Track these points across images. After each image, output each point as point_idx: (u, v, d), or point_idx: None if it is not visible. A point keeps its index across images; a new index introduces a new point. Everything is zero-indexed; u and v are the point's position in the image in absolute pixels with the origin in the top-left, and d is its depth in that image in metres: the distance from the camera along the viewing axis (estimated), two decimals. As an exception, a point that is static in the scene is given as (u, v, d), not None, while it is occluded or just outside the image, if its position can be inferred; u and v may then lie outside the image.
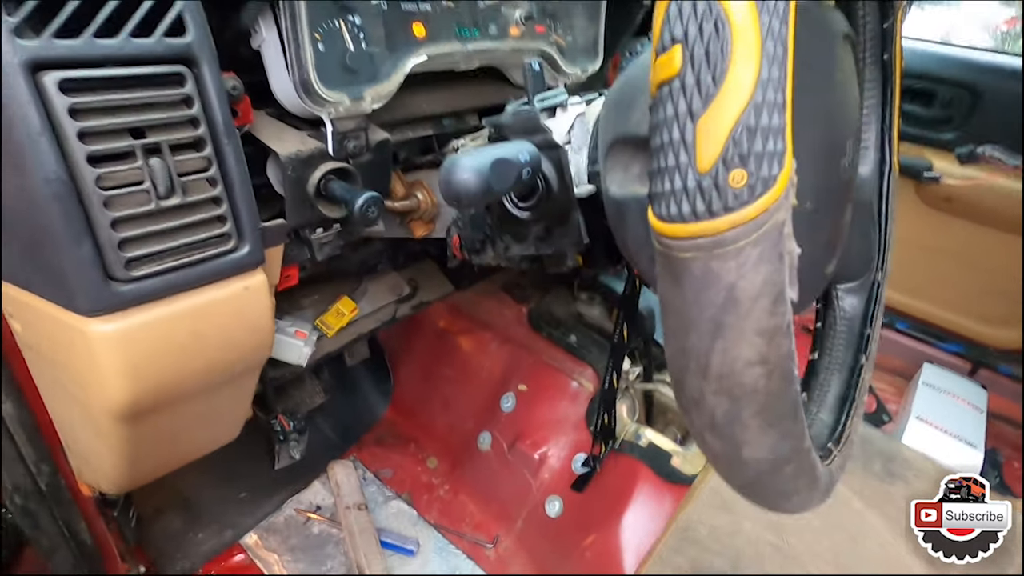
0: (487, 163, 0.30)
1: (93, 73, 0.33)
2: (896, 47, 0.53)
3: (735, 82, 0.20)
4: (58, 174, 0.32)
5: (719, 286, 0.22)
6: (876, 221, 0.56)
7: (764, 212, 0.21)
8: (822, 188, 0.36)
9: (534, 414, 1.13)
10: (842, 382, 0.51)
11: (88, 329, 0.37)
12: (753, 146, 0.20)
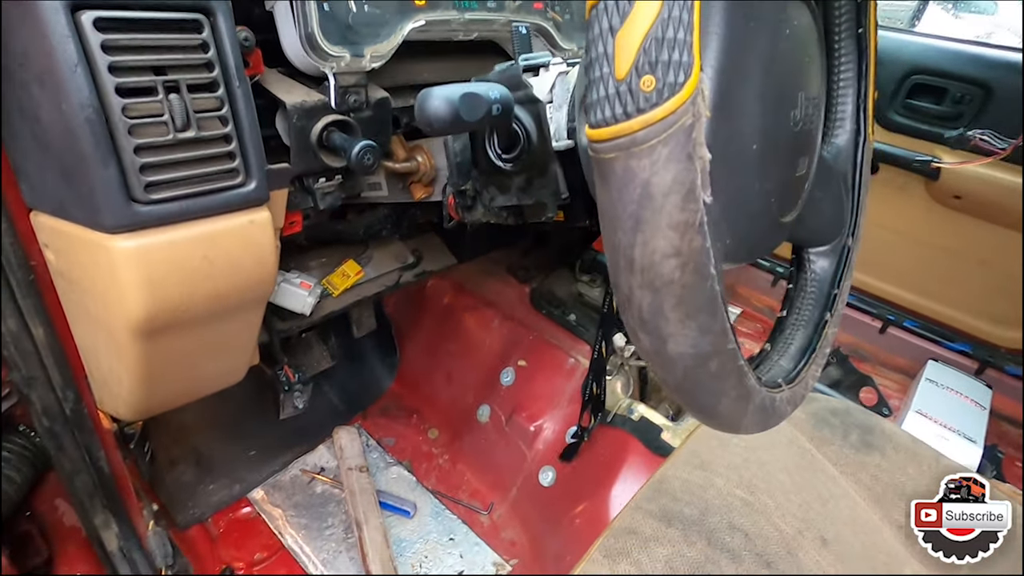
0: (457, 94, 0.34)
1: (123, 14, 0.38)
2: (871, 21, 0.56)
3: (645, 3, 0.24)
4: (91, 101, 0.37)
5: (636, 182, 0.26)
6: (849, 189, 0.59)
7: (672, 114, 0.24)
8: (769, 133, 0.39)
9: (532, 388, 1.17)
10: (806, 336, 0.54)
11: (111, 245, 0.42)
12: (660, 55, 0.24)
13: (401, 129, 0.70)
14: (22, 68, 0.39)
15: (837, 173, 0.58)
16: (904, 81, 1.50)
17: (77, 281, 0.50)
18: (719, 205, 0.37)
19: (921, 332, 1.66)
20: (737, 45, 0.35)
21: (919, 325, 1.66)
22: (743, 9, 0.36)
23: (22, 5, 0.36)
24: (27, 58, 0.38)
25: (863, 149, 0.59)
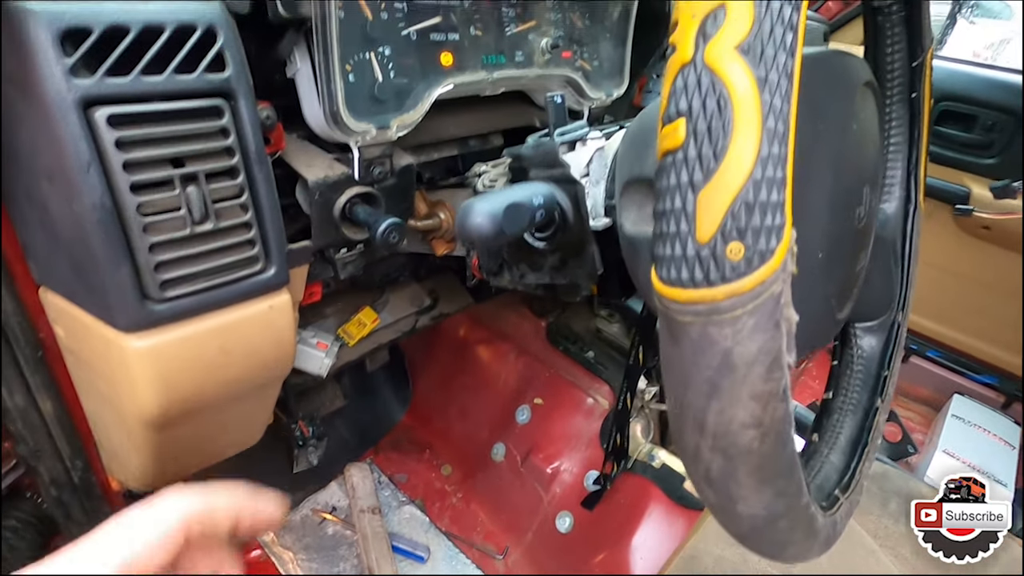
0: (500, 207, 0.31)
1: (139, 109, 0.35)
2: (925, 86, 0.53)
3: (735, 159, 0.21)
4: (103, 202, 0.35)
5: (715, 350, 0.23)
6: (898, 260, 0.56)
7: (760, 284, 0.21)
8: (835, 237, 0.36)
9: (549, 428, 1.14)
10: (855, 424, 0.51)
11: (124, 344, 0.39)
12: (751, 221, 0.21)
13: (423, 184, 0.68)
14: (30, 159, 0.36)
15: (886, 243, 0.55)
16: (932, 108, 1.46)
17: (87, 362, 0.48)
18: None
19: (945, 363, 1.62)
20: (806, 151, 0.32)
21: (943, 355, 1.62)
22: (812, 110, 0.33)
23: (29, 97, 0.33)
24: (35, 152, 0.35)
25: (913, 218, 0.56)
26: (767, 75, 0.21)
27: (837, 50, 0.38)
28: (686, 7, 0.22)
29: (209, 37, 0.37)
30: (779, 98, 0.21)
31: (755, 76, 0.20)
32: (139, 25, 0.34)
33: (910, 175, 0.56)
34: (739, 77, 0.20)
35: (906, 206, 0.56)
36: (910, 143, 0.55)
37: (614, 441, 0.93)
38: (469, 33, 0.55)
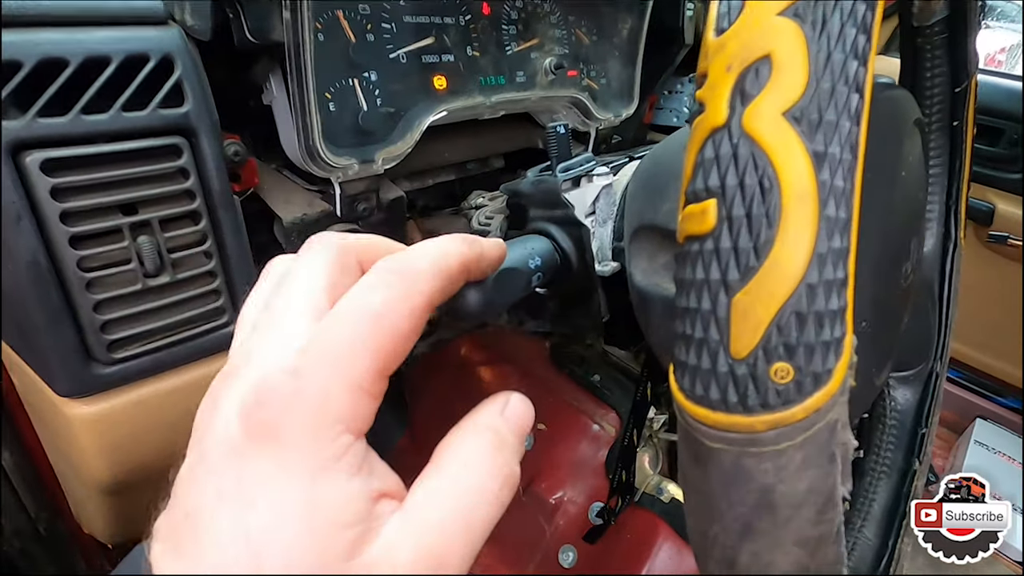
0: (490, 277, 0.26)
1: (80, 151, 0.31)
2: (968, 114, 0.47)
3: (783, 256, 0.16)
4: (37, 258, 0.30)
5: (752, 486, 0.18)
6: (936, 303, 0.50)
7: (814, 412, 0.17)
8: (881, 303, 0.31)
9: (552, 456, 1.09)
10: (891, 489, 0.46)
11: (67, 411, 0.35)
12: (803, 336, 0.16)
13: (417, 211, 0.63)
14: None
15: (922, 284, 0.50)
16: (955, 120, 1.39)
17: (39, 414, 0.43)
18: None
19: (967, 384, 1.56)
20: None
21: (965, 377, 1.56)
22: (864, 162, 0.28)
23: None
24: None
25: (953, 256, 0.51)
26: (827, 149, 0.16)
27: (882, 84, 0.33)
28: (718, 56, 0.17)
29: (164, 68, 0.33)
30: (841, 177, 0.16)
31: (810, 151, 0.16)
32: (79, 57, 0.30)
33: (949, 210, 0.50)
34: (789, 151, 0.16)
35: (944, 243, 0.51)
36: (950, 175, 0.49)
37: (619, 477, 0.88)
38: (465, 54, 0.50)
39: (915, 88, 0.47)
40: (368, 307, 0.17)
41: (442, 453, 0.19)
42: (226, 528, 0.15)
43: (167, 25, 0.34)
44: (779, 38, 0.16)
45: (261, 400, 0.16)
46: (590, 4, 0.61)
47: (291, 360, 0.16)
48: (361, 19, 0.42)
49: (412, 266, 0.18)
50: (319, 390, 0.16)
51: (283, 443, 0.15)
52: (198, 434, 0.17)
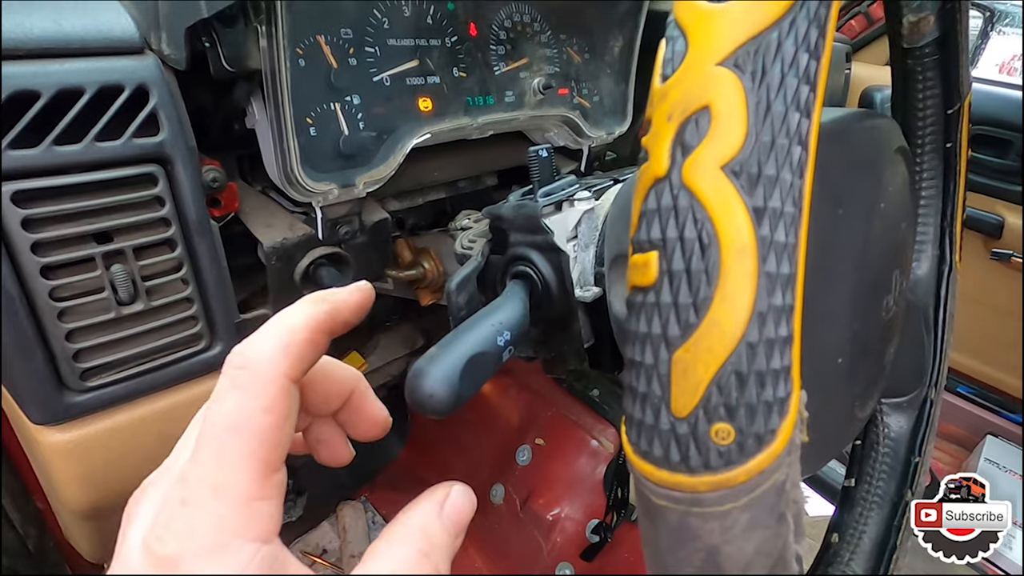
0: (458, 368, 0.26)
1: (52, 182, 0.31)
2: (961, 135, 0.46)
3: (722, 314, 0.15)
4: (8, 289, 0.30)
5: (698, 546, 0.17)
6: (931, 328, 0.49)
7: (758, 474, 0.16)
8: (859, 337, 0.30)
9: (550, 471, 1.08)
10: (882, 521, 0.44)
11: (40, 439, 0.35)
12: (744, 396, 0.16)
13: (407, 230, 0.63)
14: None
15: (916, 308, 0.48)
16: (963, 132, 1.37)
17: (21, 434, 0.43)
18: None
19: (977, 399, 1.53)
20: (824, 247, 0.27)
21: (975, 392, 1.53)
22: (832, 197, 0.27)
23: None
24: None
25: (948, 280, 0.50)
26: (767, 203, 0.15)
27: (862, 113, 0.33)
28: (661, 104, 0.17)
29: (139, 98, 0.33)
30: (783, 231, 0.16)
31: (749, 206, 0.15)
32: (52, 89, 0.30)
33: (944, 232, 0.49)
34: (728, 207, 0.15)
35: (939, 267, 0.50)
36: (944, 197, 0.48)
37: (616, 494, 0.87)
38: (451, 75, 0.50)
39: (907, 110, 0.46)
40: (224, 420, 0.17)
41: (374, 555, 0.18)
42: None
43: (143, 54, 0.34)
44: (718, 89, 0.15)
45: (157, 533, 0.16)
46: (581, 22, 0.61)
47: (177, 491, 0.16)
48: (344, 43, 0.42)
49: (260, 355, 0.18)
50: (208, 514, 0.16)
51: (184, 568, 0.15)
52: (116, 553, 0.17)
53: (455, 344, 0.27)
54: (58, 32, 0.31)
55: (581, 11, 0.60)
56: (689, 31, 0.16)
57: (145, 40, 0.34)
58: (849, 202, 0.28)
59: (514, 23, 0.55)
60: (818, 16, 0.16)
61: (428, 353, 0.26)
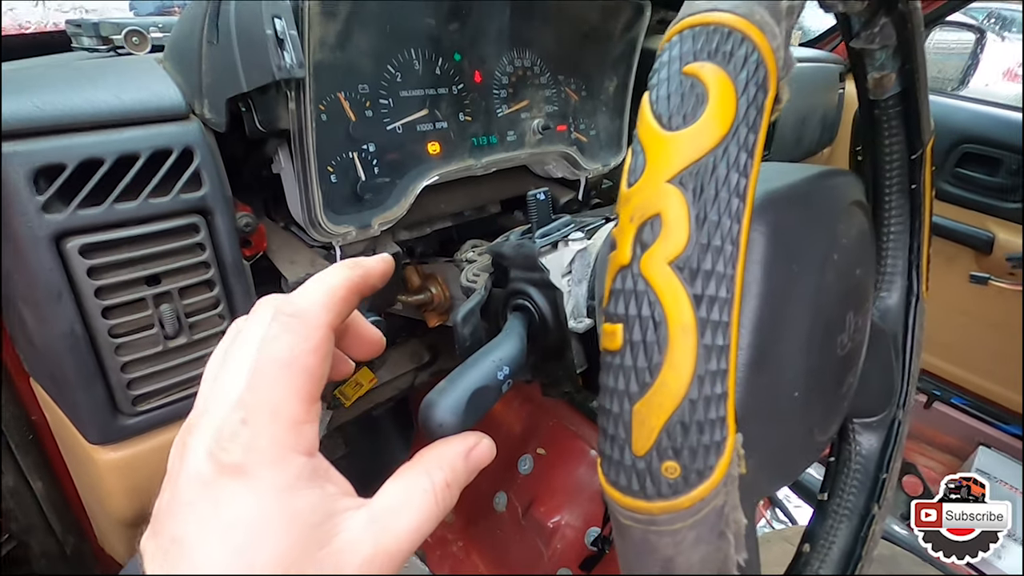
0: (463, 401, 0.30)
1: (113, 236, 0.35)
2: (925, 178, 0.51)
3: (669, 378, 0.20)
4: (74, 329, 0.35)
5: (656, 557, 0.22)
6: (899, 354, 0.53)
7: (700, 501, 0.20)
8: (814, 372, 0.34)
9: (550, 480, 1.12)
10: (850, 533, 0.48)
11: (96, 456, 0.39)
12: (687, 441, 0.20)
13: (416, 257, 0.68)
14: (8, 281, 0.37)
15: (886, 336, 0.53)
16: (952, 150, 1.42)
17: (71, 451, 0.48)
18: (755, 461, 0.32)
19: (970, 410, 1.56)
20: (779, 297, 0.31)
21: (968, 403, 1.56)
22: (786, 254, 0.32)
23: (4, 230, 0.34)
24: (11, 277, 0.36)
25: (916, 310, 0.54)
26: (704, 292, 0.20)
27: (823, 173, 0.37)
28: (626, 206, 0.21)
29: (185, 158, 0.38)
30: (718, 311, 0.20)
31: (690, 294, 0.20)
32: (113, 156, 0.35)
33: (911, 265, 0.53)
34: (674, 294, 0.20)
35: (908, 297, 0.54)
36: (911, 234, 0.53)
37: (613, 505, 0.90)
38: (457, 120, 0.55)
39: (875, 155, 0.50)
40: (281, 354, 0.20)
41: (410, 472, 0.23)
42: (215, 546, 0.18)
43: (188, 119, 0.39)
44: (668, 201, 0.20)
45: (223, 446, 0.19)
46: (578, 65, 0.65)
47: (238, 412, 0.20)
48: (361, 98, 0.47)
49: (308, 306, 0.22)
50: (265, 431, 0.19)
51: (249, 475, 0.19)
52: (172, 475, 0.21)
53: (460, 380, 0.32)
54: (119, 105, 0.36)
55: (578, 55, 0.65)
56: (648, 151, 0.21)
57: (190, 107, 0.39)
58: (802, 258, 0.32)
59: (515, 68, 0.60)
60: (747, 143, 0.20)
61: (438, 387, 0.31)
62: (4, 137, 0.32)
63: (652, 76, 0.22)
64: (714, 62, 0.20)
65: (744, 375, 0.30)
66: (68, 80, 0.36)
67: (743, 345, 0.30)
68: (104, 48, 0.45)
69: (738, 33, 0.21)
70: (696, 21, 0.21)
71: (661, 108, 0.21)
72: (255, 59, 0.36)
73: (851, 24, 0.43)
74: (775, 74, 0.21)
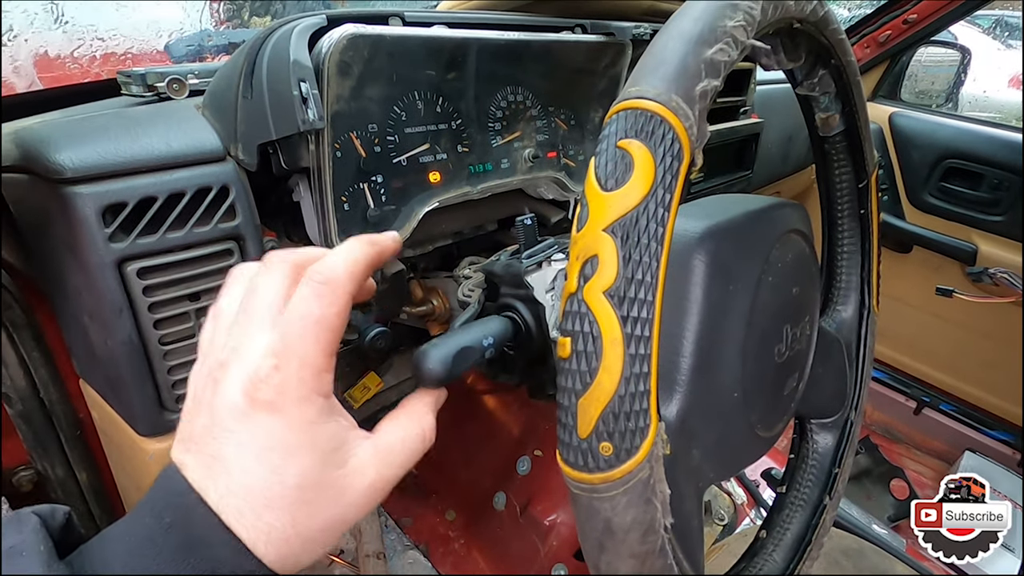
0: (450, 354, 0.37)
1: (163, 260, 0.42)
2: (872, 204, 0.57)
3: (604, 379, 0.26)
4: (132, 338, 0.42)
5: (599, 519, 0.28)
6: (852, 361, 0.59)
7: (628, 473, 0.27)
8: (752, 376, 0.40)
9: (547, 480, 1.18)
10: (803, 521, 0.54)
11: (144, 446, 0.46)
12: (617, 426, 0.26)
13: (418, 272, 0.74)
14: (75, 298, 0.44)
15: (840, 345, 0.59)
16: (938, 165, 1.47)
17: (116, 447, 0.55)
18: (700, 451, 0.39)
19: (958, 416, 1.60)
20: (716, 313, 0.37)
21: (956, 409, 1.61)
22: (723, 276, 0.38)
23: (76, 257, 0.41)
24: (79, 295, 0.43)
25: (867, 321, 0.60)
26: (629, 313, 0.26)
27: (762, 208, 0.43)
28: (574, 247, 0.28)
29: (223, 194, 0.45)
30: (641, 328, 0.26)
31: (619, 316, 0.26)
32: (165, 194, 0.42)
33: (863, 281, 0.60)
34: (607, 315, 0.26)
35: (860, 310, 0.60)
36: (862, 254, 0.59)
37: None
38: (456, 151, 0.62)
39: (827, 183, 0.57)
40: (311, 314, 0.25)
41: (404, 415, 0.30)
42: (252, 464, 0.23)
43: (225, 161, 0.46)
44: (602, 246, 0.26)
45: (257, 386, 0.23)
46: (567, 98, 0.72)
47: (270, 358, 0.24)
48: (370, 136, 0.54)
49: (336, 276, 0.26)
50: (295, 376, 0.24)
51: (280, 410, 0.23)
52: (203, 403, 0.24)
53: (451, 338, 0.39)
54: (168, 151, 0.43)
55: (567, 89, 0.71)
56: (590, 205, 0.27)
57: (226, 149, 0.46)
58: (738, 279, 0.39)
59: (508, 103, 0.66)
60: (663, 200, 0.27)
61: (432, 341, 0.37)
62: (78, 181, 0.39)
63: (598, 145, 0.29)
64: (639, 139, 0.27)
65: (687, 378, 0.37)
66: (126, 129, 0.43)
67: (685, 352, 0.37)
68: (149, 94, 0.52)
69: (658, 116, 0.27)
70: (628, 105, 0.28)
71: (600, 173, 0.28)
72: (283, 113, 0.43)
73: (795, 75, 0.49)
74: (688, 146, 0.28)
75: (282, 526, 0.23)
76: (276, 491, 0.23)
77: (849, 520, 1.27)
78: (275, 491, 0.23)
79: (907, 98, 1.62)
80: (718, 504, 1.26)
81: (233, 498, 0.22)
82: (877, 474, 1.53)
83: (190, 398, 0.26)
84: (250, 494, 0.23)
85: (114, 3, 0.69)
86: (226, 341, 0.25)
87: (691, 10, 0.31)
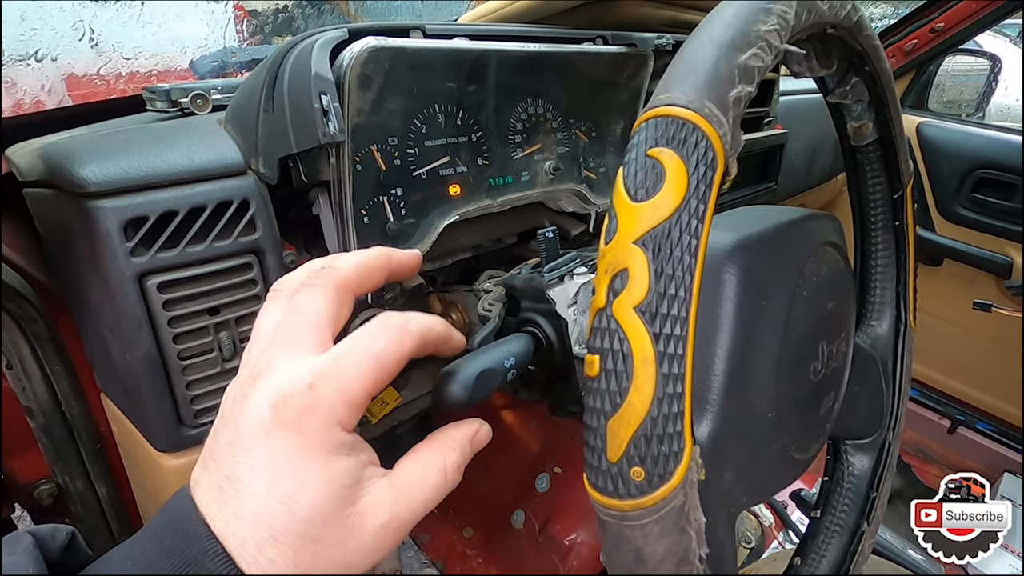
0: (472, 376, 0.36)
1: (183, 274, 0.42)
2: (907, 215, 0.55)
3: (635, 400, 0.25)
4: (151, 352, 0.42)
5: (629, 547, 0.26)
6: (889, 379, 0.57)
7: (661, 500, 0.25)
8: (787, 395, 0.39)
9: (567, 499, 1.15)
10: (840, 548, 0.52)
11: (162, 462, 0.46)
12: (650, 450, 0.25)
13: (438, 286, 0.74)
14: (96, 312, 0.44)
15: (875, 363, 0.56)
16: (968, 175, 1.43)
17: (134, 460, 0.55)
18: (732, 474, 0.37)
19: (995, 436, 1.54)
20: (749, 329, 0.36)
21: (993, 428, 1.54)
22: (756, 291, 0.36)
23: (97, 271, 0.41)
24: (100, 309, 0.43)
25: (904, 338, 0.57)
26: (661, 331, 0.25)
27: (794, 220, 0.42)
28: (603, 261, 0.26)
29: (243, 208, 0.44)
30: (674, 346, 0.25)
31: (651, 333, 0.25)
32: (186, 208, 0.42)
33: (899, 296, 0.57)
34: (638, 333, 0.25)
35: (896, 326, 0.57)
36: (898, 267, 0.56)
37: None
38: (476, 164, 0.61)
39: (860, 195, 0.55)
40: (371, 351, 0.24)
41: (426, 451, 0.28)
42: (263, 488, 0.21)
43: (246, 175, 0.45)
44: (633, 259, 0.25)
45: (286, 401, 0.22)
46: (588, 109, 0.71)
47: (307, 378, 0.23)
48: (391, 149, 0.54)
49: (408, 324, 0.27)
50: (327, 400, 0.23)
51: (303, 433, 0.22)
52: (230, 419, 0.23)
53: (473, 360, 0.37)
54: (190, 165, 0.43)
55: (587, 101, 0.71)
56: (619, 217, 0.26)
57: (247, 163, 0.46)
58: (771, 294, 0.37)
59: (529, 116, 0.66)
60: (697, 211, 0.25)
61: (453, 363, 0.36)
62: (101, 195, 0.39)
63: (626, 155, 0.28)
64: (671, 148, 0.26)
65: (719, 398, 0.35)
66: (149, 143, 0.43)
67: (717, 371, 0.35)
68: (173, 110, 0.53)
69: (690, 123, 0.26)
70: (658, 112, 0.27)
71: (630, 183, 0.27)
72: (304, 126, 0.43)
73: (826, 82, 0.47)
74: (722, 155, 0.27)
75: (283, 563, 0.22)
76: (283, 523, 0.22)
77: (882, 545, 1.21)
78: (283, 523, 0.22)
79: (935, 108, 1.58)
80: (745, 526, 1.22)
81: (240, 525, 0.21)
82: (910, 496, 1.47)
83: (219, 414, 0.25)
84: (257, 523, 0.21)
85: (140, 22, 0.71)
86: (259, 357, 0.25)
87: (722, 15, 0.30)
